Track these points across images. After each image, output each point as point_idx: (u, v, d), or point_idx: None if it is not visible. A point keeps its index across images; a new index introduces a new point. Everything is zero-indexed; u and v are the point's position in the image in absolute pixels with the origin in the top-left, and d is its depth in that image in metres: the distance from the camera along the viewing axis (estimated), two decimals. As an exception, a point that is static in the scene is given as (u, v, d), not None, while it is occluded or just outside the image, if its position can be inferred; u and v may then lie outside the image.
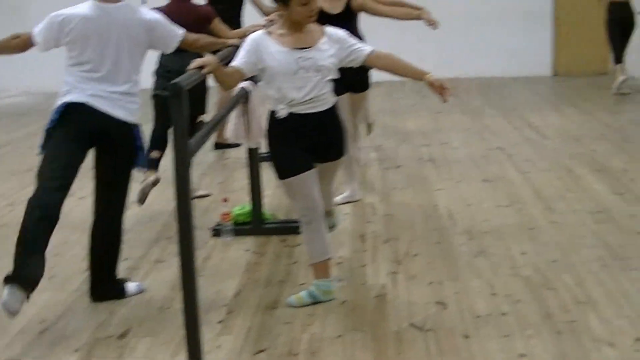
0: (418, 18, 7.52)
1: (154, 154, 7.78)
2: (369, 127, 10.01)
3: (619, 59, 13.30)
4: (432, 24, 7.51)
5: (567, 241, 6.48)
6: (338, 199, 7.56)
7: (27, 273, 4.93)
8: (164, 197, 7.62)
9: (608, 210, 7.26)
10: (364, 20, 7.82)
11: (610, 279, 5.69)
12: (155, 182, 7.61)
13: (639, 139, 10.15)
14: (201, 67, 4.74)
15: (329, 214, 5.89)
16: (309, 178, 5.26)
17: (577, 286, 5.57)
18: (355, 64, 5.39)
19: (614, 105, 12.55)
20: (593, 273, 5.80)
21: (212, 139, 9.76)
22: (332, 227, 6.03)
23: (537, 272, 5.84)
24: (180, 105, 4.35)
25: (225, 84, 5.19)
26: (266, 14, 8.21)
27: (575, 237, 6.58)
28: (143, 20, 5.46)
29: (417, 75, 5.37)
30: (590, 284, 5.61)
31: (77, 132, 5.22)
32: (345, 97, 7.27)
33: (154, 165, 7.71)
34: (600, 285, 5.59)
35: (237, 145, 8.47)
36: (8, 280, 4.88)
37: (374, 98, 11.72)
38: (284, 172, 5.28)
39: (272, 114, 5.26)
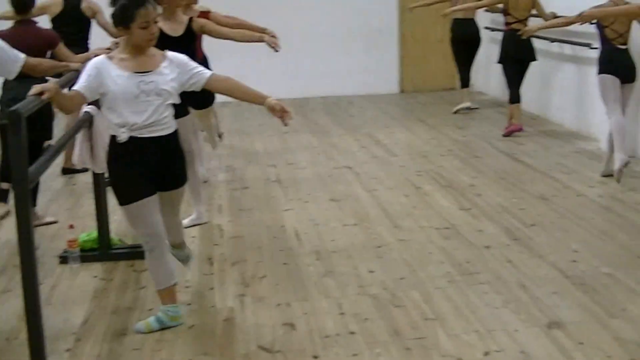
0: (260, 40, 7.51)
1: (4, 186, 7.62)
2: (219, 136, 10.02)
3: (465, 81, 13.56)
4: (274, 46, 7.52)
5: (414, 258, 6.58)
6: (185, 221, 7.50)
7: None
8: (11, 225, 7.43)
9: (455, 226, 7.40)
10: (212, 41, 7.79)
11: (458, 294, 5.81)
12: (5, 215, 7.46)
13: (485, 154, 10.37)
14: (41, 93, 4.65)
15: (179, 246, 5.89)
16: (150, 204, 5.20)
17: (425, 302, 5.67)
18: (196, 88, 5.34)
19: (461, 120, 12.75)
20: (441, 289, 5.91)
21: (60, 164, 9.57)
22: (186, 260, 6.03)
23: (385, 290, 5.91)
24: (19, 132, 4.26)
25: (66, 108, 5.10)
26: (114, 36, 8.11)
27: (423, 254, 6.68)
28: None
29: (257, 99, 5.36)
30: (438, 300, 5.71)
31: None
32: (189, 119, 7.24)
33: (3, 197, 7.56)
34: (448, 300, 5.70)
35: (85, 170, 8.33)
36: None
37: (222, 118, 11.72)
38: (124, 198, 5.21)
39: (113, 138, 5.18)
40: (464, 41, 13.39)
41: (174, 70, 5.19)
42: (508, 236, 7.09)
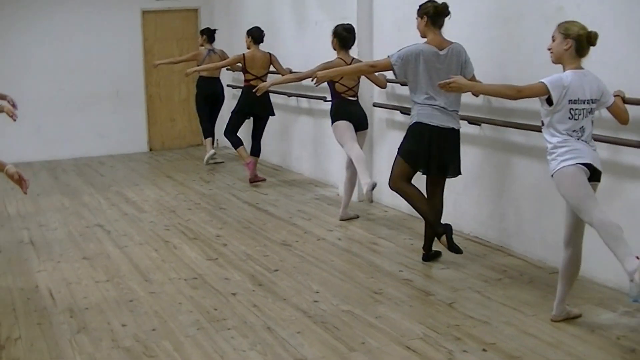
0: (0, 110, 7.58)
1: None
2: None
3: (208, 132, 14.01)
4: (11, 115, 7.58)
5: (164, 309, 6.79)
6: None
7: None
8: None
9: (203, 275, 7.69)
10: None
11: (207, 340, 6.08)
12: None
13: (230, 205, 10.75)
14: None
15: None
16: None
17: (176, 351, 5.90)
18: None
19: (207, 174, 13.17)
20: (191, 337, 6.15)
21: None
22: None
23: (138, 342, 6.09)
24: None
25: None
26: None
27: (172, 305, 6.91)
28: None
29: None
30: (189, 348, 5.96)
31: None
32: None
33: None
34: (198, 347, 5.95)
35: None
36: None
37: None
38: None
39: None
40: (209, 98, 13.90)
41: None
42: (253, 282, 7.45)
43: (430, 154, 7.62)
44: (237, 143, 12.24)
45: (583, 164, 5.84)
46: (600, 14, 6.46)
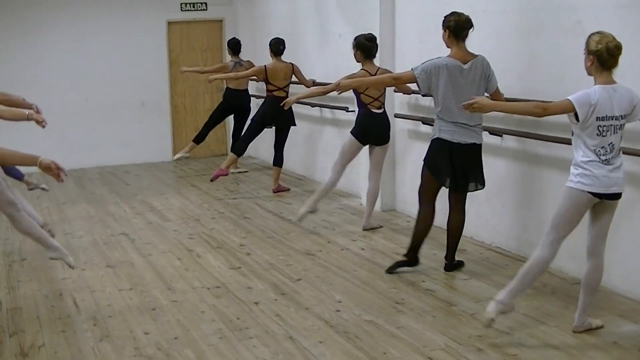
0: (29, 119, 7.63)
1: None
2: None
3: (201, 137, 14.12)
4: (40, 122, 7.64)
5: (187, 318, 6.85)
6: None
7: None
8: None
9: (225, 284, 7.74)
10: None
11: (229, 349, 6.12)
12: None
13: (254, 215, 10.80)
14: None
15: None
16: None
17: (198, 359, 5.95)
18: None
19: (232, 184, 13.21)
20: (213, 345, 6.20)
21: None
22: None
23: (160, 350, 6.14)
24: None
25: None
26: None
27: (195, 313, 6.96)
28: None
29: (30, 161, 5.62)
30: (211, 356, 6.00)
31: None
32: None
33: None
34: (221, 356, 6.00)
35: None
36: None
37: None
38: None
39: None
40: (233, 111, 13.92)
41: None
42: (276, 291, 7.48)
43: (453, 169, 7.65)
44: (239, 151, 12.39)
45: (592, 193, 5.88)
46: (619, 26, 6.40)
